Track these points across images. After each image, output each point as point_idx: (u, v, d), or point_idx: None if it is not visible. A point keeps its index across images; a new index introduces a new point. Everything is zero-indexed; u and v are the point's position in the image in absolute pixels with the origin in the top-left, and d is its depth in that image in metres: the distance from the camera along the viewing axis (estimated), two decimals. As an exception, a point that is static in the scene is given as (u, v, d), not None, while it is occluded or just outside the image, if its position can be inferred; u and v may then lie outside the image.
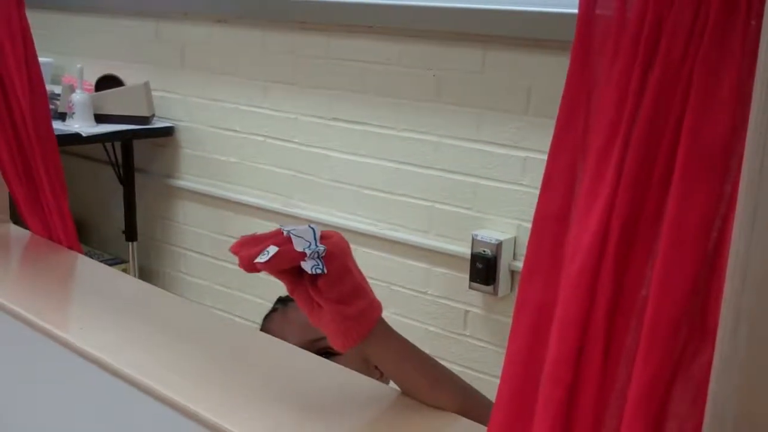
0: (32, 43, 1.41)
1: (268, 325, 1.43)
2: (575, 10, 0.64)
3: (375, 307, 0.90)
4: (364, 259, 2.56)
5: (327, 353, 1.28)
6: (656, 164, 0.58)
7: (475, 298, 2.39)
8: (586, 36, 0.63)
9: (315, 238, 0.85)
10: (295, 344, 1.21)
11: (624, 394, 0.60)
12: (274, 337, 1.17)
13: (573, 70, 0.64)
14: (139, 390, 0.98)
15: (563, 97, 0.64)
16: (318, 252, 0.84)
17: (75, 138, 2.85)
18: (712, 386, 0.52)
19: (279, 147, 2.80)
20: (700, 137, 0.56)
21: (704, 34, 0.57)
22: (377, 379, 1.14)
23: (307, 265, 0.84)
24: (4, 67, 1.41)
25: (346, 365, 1.07)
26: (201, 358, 1.07)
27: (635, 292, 0.60)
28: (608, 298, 0.60)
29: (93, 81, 3.10)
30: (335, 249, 0.86)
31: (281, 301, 1.45)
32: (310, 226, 0.85)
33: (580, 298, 0.61)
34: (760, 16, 0.51)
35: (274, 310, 1.46)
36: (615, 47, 0.60)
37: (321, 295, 0.86)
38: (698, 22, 0.57)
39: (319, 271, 0.85)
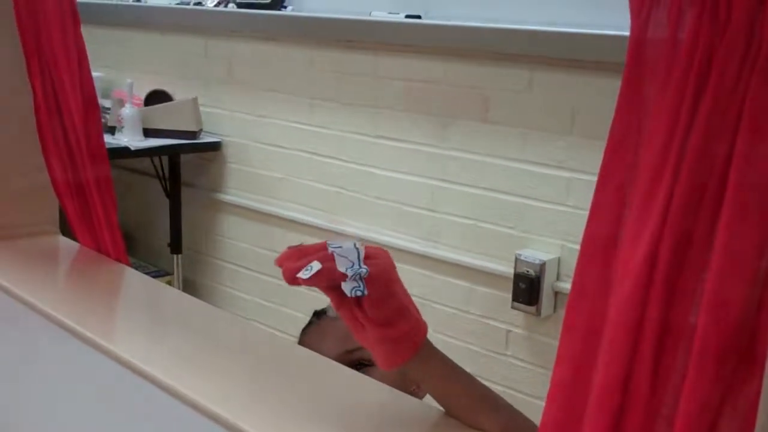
0: (86, 58, 1.43)
1: (304, 338, 1.44)
2: (621, 32, 0.64)
3: (420, 328, 0.89)
4: (406, 276, 2.53)
5: (362, 364, 1.28)
6: (706, 191, 0.58)
7: (517, 318, 2.38)
8: (637, 61, 0.63)
9: (359, 259, 0.84)
10: (330, 355, 1.21)
11: (671, 422, 0.59)
12: (316, 353, 1.17)
13: (624, 96, 0.63)
14: (181, 401, 0.99)
15: (614, 121, 0.64)
16: (360, 274, 0.83)
17: (123, 151, 2.89)
18: (761, 416, 0.52)
19: (324, 164, 2.82)
20: (751, 165, 0.56)
21: (757, 60, 0.56)
22: (414, 390, 1.14)
23: (347, 287, 0.83)
24: (59, 80, 1.44)
25: (382, 375, 1.07)
26: (242, 371, 1.08)
27: (684, 320, 0.59)
28: (656, 324, 0.60)
29: (142, 96, 3.15)
30: (378, 271, 0.85)
31: (316, 315, 1.47)
32: (355, 246, 0.85)
33: (628, 324, 0.60)
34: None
35: (310, 323, 1.48)
36: (666, 73, 0.60)
37: (365, 316, 0.86)
38: (751, 49, 0.57)
39: (359, 294, 0.83)
